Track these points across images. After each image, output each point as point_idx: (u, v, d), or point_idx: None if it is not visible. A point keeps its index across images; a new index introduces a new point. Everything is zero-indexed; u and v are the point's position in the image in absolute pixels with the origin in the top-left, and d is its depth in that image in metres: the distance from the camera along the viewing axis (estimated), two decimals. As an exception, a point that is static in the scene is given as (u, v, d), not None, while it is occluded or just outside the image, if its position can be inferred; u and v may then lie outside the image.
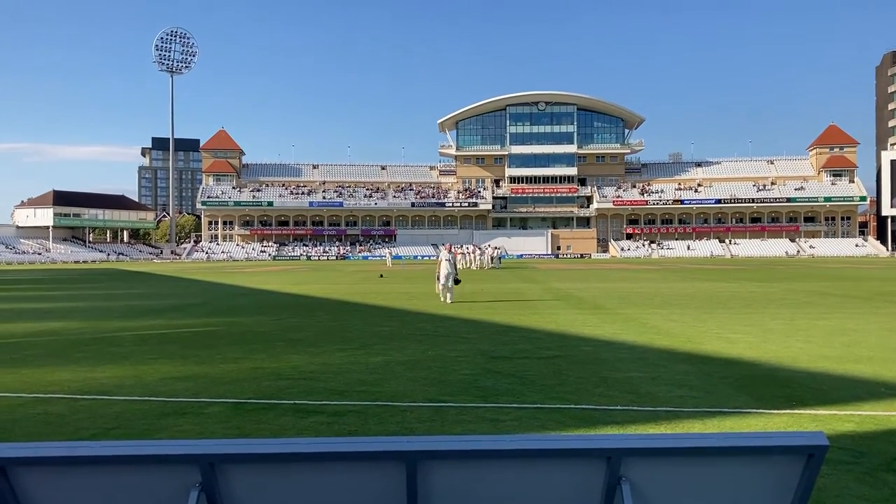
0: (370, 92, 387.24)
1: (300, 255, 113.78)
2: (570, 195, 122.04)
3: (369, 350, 11.06)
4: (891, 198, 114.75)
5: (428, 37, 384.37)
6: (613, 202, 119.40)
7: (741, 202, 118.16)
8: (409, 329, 13.89)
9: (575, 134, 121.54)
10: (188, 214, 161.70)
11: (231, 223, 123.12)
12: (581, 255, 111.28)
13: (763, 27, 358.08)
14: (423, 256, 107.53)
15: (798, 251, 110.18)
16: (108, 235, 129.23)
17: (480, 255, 56.88)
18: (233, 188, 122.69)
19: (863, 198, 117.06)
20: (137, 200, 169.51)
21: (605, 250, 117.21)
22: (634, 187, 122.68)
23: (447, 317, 16.29)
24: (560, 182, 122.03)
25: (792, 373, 8.86)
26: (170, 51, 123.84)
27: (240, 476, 2.08)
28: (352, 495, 2.10)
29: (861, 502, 4.43)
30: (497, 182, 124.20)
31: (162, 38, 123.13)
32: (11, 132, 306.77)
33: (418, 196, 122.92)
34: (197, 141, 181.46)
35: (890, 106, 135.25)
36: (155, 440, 1.87)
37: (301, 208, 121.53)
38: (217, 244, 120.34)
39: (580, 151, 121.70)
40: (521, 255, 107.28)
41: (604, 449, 2.05)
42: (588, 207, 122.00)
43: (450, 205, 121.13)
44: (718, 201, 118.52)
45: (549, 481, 2.09)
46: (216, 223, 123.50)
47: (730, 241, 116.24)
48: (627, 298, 21.64)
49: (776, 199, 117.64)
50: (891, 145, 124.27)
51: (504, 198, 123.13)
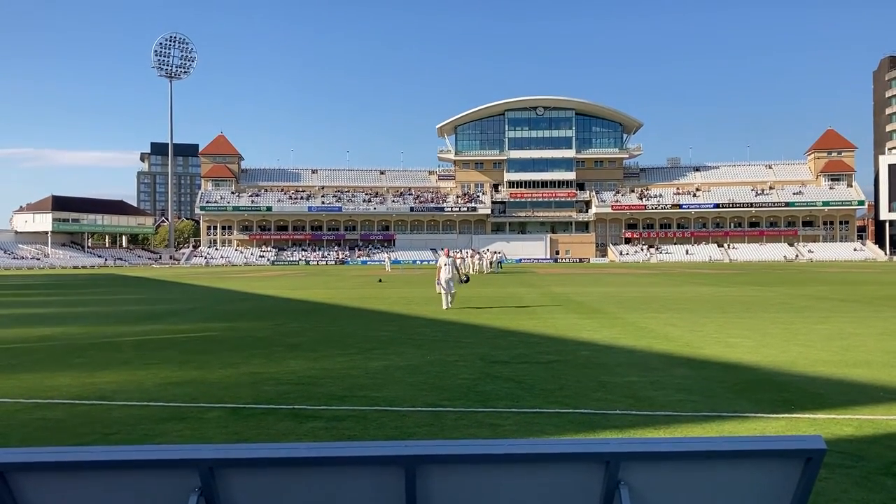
0: (369, 97, 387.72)
1: (299, 260, 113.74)
2: (569, 200, 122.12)
3: (368, 355, 11.05)
4: (889, 202, 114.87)
5: (427, 42, 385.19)
6: (612, 207, 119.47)
7: (740, 207, 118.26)
8: (408, 334, 13.89)
9: (573, 139, 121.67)
10: (187, 219, 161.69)
11: (230, 228, 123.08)
12: (580, 260, 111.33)
13: (761, 32, 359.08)
14: (422, 261, 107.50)
15: (796, 255, 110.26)
16: (107, 241, 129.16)
17: (479, 260, 56.88)
18: (231, 193, 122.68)
19: (861, 202, 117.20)
20: (136, 206, 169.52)
21: (604, 255, 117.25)
22: (633, 192, 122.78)
23: (446, 321, 16.29)
24: (559, 187, 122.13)
25: (790, 377, 8.87)
26: (169, 56, 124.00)
27: (239, 480, 2.08)
28: (351, 500, 2.10)
29: (859, 506, 4.43)
30: (496, 187, 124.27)
31: (161, 44, 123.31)
32: (10, 137, 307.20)
33: (417, 201, 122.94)
34: (196, 146, 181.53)
35: (887, 110, 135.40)
36: (154, 445, 1.87)
37: (300, 213, 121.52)
38: (216, 249, 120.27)
39: (579, 156, 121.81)
40: (520, 260, 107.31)
41: (602, 453, 2.05)
42: (587, 212, 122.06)
43: (449, 209, 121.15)
44: (717, 206, 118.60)
45: (548, 486, 2.10)
46: (215, 228, 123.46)
47: (728, 246, 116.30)
48: (626, 303, 21.64)
49: (774, 204, 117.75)
50: (888, 150, 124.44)
51: (503, 202, 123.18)
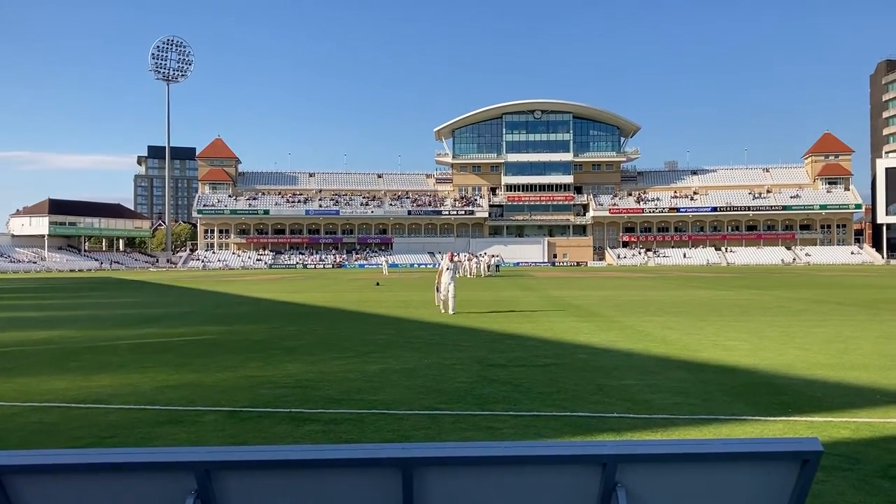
0: (366, 100, 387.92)
1: (296, 264, 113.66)
2: (567, 203, 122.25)
3: (366, 358, 11.04)
4: (886, 205, 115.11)
5: (424, 45, 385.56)
6: (609, 210, 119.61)
7: (737, 210, 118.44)
8: (406, 337, 13.88)
9: (571, 142, 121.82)
10: (184, 223, 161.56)
11: (227, 231, 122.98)
12: (577, 263, 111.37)
13: (759, 36, 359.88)
14: (420, 265, 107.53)
15: (794, 259, 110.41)
16: (104, 244, 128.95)
17: (476, 263, 56.89)
18: (229, 196, 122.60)
19: (858, 205, 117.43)
20: (133, 209, 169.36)
21: (602, 258, 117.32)
22: (630, 195, 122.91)
23: (444, 325, 16.29)
24: (556, 190, 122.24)
25: (788, 380, 8.87)
26: (166, 59, 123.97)
27: (235, 483, 2.08)
28: (348, 502, 2.10)
29: (857, 509, 4.44)
30: (493, 190, 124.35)
31: (158, 47, 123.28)
32: (7, 140, 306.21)
33: (415, 204, 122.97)
34: (193, 149, 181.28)
35: (884, 114, 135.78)
36: (150, 447, 1.87)
37: (297, 216, 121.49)
38: (213, 253, 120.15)
39: (576, 159, 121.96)
40: (518, 263, 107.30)
41: (599, 455, 2.05)
42: (584, 215, 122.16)
43: (446, 213, 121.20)
44: (714, 209, 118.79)
45: (545, 488, 2.10)
46: (212, 232, 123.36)
47: (726, 249, 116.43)
48: (623, 306, 21.65)
49: (772, 207, 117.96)
50: (886, 153, 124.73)
51: (500, 206, 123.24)
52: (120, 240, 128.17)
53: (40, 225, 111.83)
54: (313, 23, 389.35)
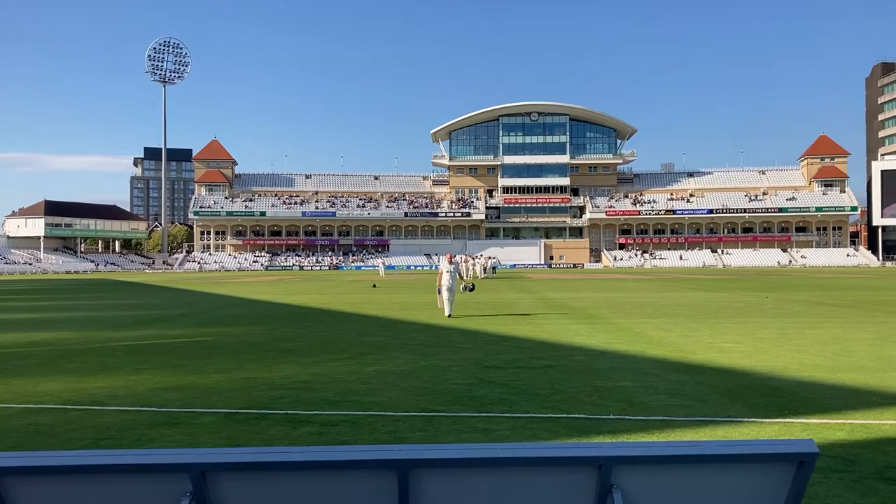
0: (363, 102, 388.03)
1: (293, 266, 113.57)
2: (563, 205, 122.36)
3: (362, 360, 11.03)
4: (881, 208, 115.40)
5: (421, 47, 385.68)
6: (606, 212, 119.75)
7: (733, 212, 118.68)
8: (402, 339, 13.87)
9: (567, 144, 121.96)
10: (180, 224, 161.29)
11: (223, 233, 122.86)
12: (574, 265, 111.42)
13: (755, 39, 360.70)
14: (417, 266, 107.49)
15: (790, 261, 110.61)
16: (100, 245, 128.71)
17: (473, 265, 56.84)
18: (225, 198, 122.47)
19: (854, 208, 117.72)
20: (129, 210, 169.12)
21: (598, 260, 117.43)
22: (627, 197, 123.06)
23: (440, 327, 16.28)
24: (553, 192, 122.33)
25: (783, 382, 8.88)
26: (163, 61, 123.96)
27: (231, 485, 2.07)
28: (344, 504, 2.10)
29: (852, 511, 4.44)
30: (490, 192, 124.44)
31: (155, 49, 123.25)
32: (3, 142, 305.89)
33: (411, 206, 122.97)
34: (189, 151, 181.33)
35: (880, 116, 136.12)
36: (146, 449, 1.86)
37: (294, 218, 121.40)
38: (209, 254, 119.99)
39: (573, 162, 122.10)
40: (514, 265, 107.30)
41: (595, 457, 2.05)
42: (581, 217, 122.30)
43: (443, 215, 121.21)
44: (710, 211, 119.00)
45: (541, 489, 2.10)
46: (208, 233, 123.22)
47: (722, 251, 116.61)
48: (620, 308, 21.66)
49: (768, 210, 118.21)
50: (881, 156, 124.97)
51: (497, 208, 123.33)
52: (116, 241, 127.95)
53: (36, 226, 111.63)
54: (310, 25, 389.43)
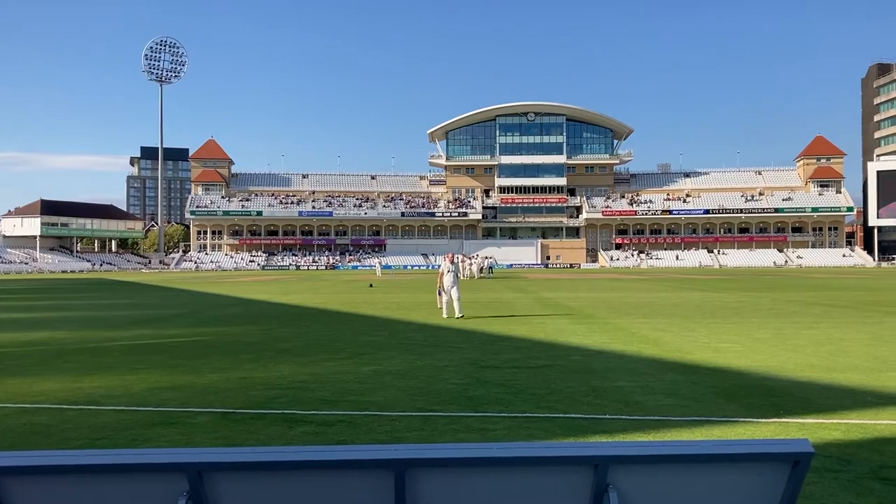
0: (360, 102, 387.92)
1: (289, 265, 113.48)
2: (560, 205, 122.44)
3: (358, 360, 11.03)
4: (877, 208, 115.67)
5: (418, 47, 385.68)
6: (602, 212, 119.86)
7: (729, 213, 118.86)
8: (399, 339, 13.86)
9: (564, 144, 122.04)
10: (177, 224, 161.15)
11: (220, 233, 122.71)
12: (570, 265, 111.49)
13: (752, 39, 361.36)
14: (413, 266, 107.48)
15: (786, 261, 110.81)
16: (96, 245, 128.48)
17: (470, 265, 56.85)
18: (222, 198, 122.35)
19: (850, 208, 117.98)
20: (126, 210, 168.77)
21: (595, 260, 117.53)
22: (623, 197, 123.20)
23: (437, 326, 16.28)
24: (549, 192, 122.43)
25: (779, 382, 8.90)
26: (159, 60, 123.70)
27: (227, 484, 2.07)
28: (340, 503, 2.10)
29: (847, 510, 4.45)
30: (487, 192, 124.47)
31: (151, 48, 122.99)
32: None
33: (408, 206, 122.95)
34: (186, 150, 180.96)
35: (876, 117, 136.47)
36: (142, 448, 1.86)
37: (290, 218, 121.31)
38: (206, 254, 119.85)
39: (569, 162, 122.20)
40: (511, 265, 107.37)
41: (591, 456, 2.05)
42: (577, 217, 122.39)
43: (440, 214, 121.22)
44: (707, 212, 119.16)
45: (537, 489, 2.10)
46: (205, 233, 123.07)
47: (718, 252, 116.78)
48: (616, 308, 21.68)
49: (764, 210, 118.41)
50: (877, 156, 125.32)
51: (494, 208, 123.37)
52: (112, 241, 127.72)
53: (32, 226, 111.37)
54: (307, 24, 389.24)
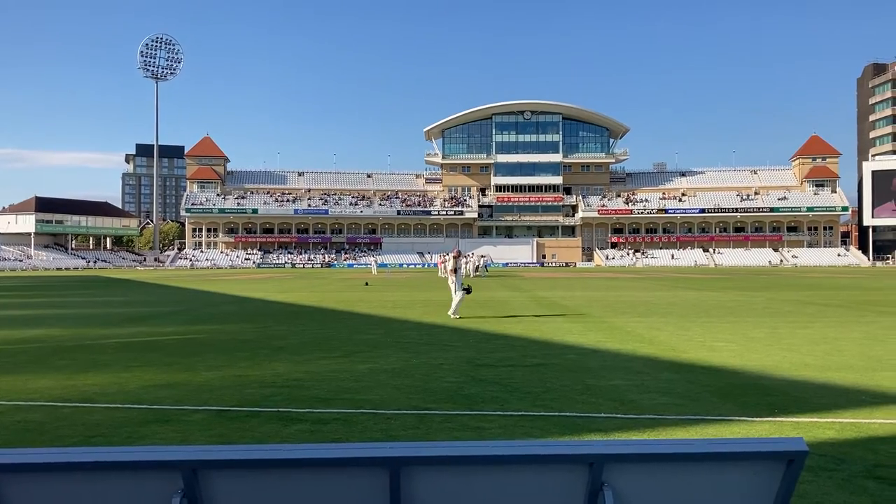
0: (356, 100, 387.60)
1: (285, 263, 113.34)
2: (556, 204, 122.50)
3: (354, 358, 11.02)
4: (872, 208, 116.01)
5: (414, 45, 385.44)
6: (598, 211, 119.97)
7: (725, 212, 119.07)
8: (394, 337, 13.86)
9: (560, 143, 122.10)
10: (172, 221, 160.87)
11: (215, 230, 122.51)
12: (566, 264, 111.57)
13: (748, 39, 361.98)
14: (409, 265, 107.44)
15: (781, 260, 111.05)
16: (91, 242, 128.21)
17: (465, 263, 56.82)
18: (217, 195, 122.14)
19: (845, 208, 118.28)
20: (121, 207, 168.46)
21: (590, 259, 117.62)
22: (619, 196, 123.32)
23: (432, 325, 16.28)
24: (545, 191, 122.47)
25: (774, 381, 8.92)
26: (155, 57, 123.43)
27: (222, 482, 2.07)
28: (335, 502, 2.09)
29: (841, 509, 4.47)
30: (483, 190, 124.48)
31: (147, 45, 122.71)
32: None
33: (404, 204, 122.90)
34: (181, 148, 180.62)
35: (871, 117, 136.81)
36: (137, 446, 1.85)
37: (286, 216, 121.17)
38: (201, 251, 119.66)
39: (565, 160, 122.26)
40: (507, 264, 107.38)
41: (586, 455, 2.05)
42: (573, 216, 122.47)
43: (436, 213, 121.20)
44: (702, 211, 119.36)
45: (532, 487, 2.10)
46: (200, 230, 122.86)
47: (713, 251, 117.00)
48: (612, 307, 21.71)
49: (759, 209, 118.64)
50: (872, 156, 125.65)
51: (490, 206, 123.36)
52: (107, 238, 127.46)
53: (27, 223, 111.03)
54: (303, 22, 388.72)
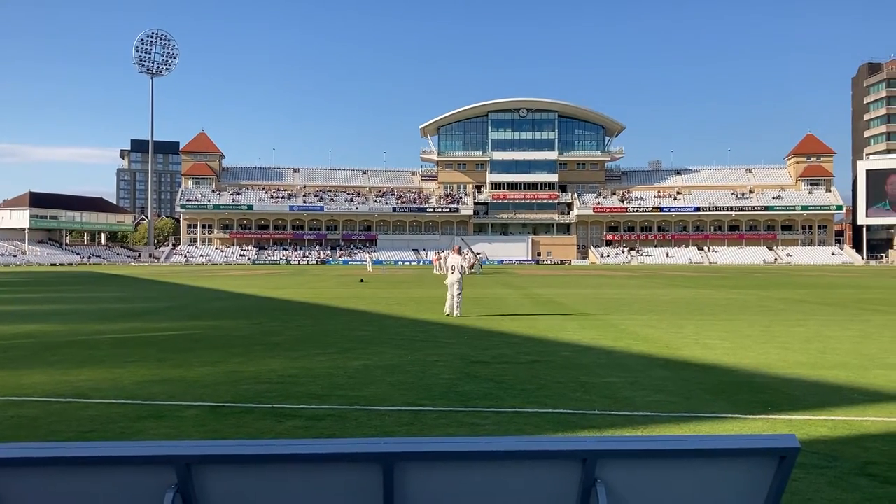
0: (352, 97, 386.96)
1: (280, 260, 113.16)
2: (551, 202, 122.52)
3: (348, 354, 11.02)
4: (866, 207, 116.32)
5: (410, 42, 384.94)
6: (593, 209, 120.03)
7: (720, 210, 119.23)
8: (389, 334, 13.87)
9: (556, 141, 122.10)
10: (167, 217, 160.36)
11: (210, 226, 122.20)
12: (561, 262, 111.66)
13: (744, 38, 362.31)
14: (404, 261, 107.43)
15: (775, 259, 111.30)
16: (86, 238, 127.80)
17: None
18: (212, 191, 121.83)
19: (839, 207, 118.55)
20: (115, 203, 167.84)
21: (585, 257, 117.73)
22: (614, 194, 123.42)
23: (427, 322, 16.29)
24: (541, 188, 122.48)
25: (767, 378, 8.95)
26: (150, 52, 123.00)
27: (216, 478, 2.07)
28: (329, 497, 2.10)
29: (833, 506, 4.49)
30: (478, 188, 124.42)
31: (142, 40, 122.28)
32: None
33: (399, 201, 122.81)
34: (176, 143, 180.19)
35: (866, 116, 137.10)
36: (131, 441, 1.85)
37: (281, 212, 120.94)
38: (196, 247, 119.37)
39: (561, 158, 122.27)
40: (502, 261, 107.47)
41: (579, 451, 2.06)
42: (568, 214, 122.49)
43: (431, 210, 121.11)
44: (697, 209, 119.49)
45: (525, 483, 2.10)
46: (195, 226, 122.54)
47: (708, 249, 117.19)
48: (606, 304, 21.74)
49: (754, 208, 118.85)
50: (867, 155, 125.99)
51: (485, 203, 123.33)
52: (102, 234, 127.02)
53: (21, 218, 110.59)
54: (299, 18, 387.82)
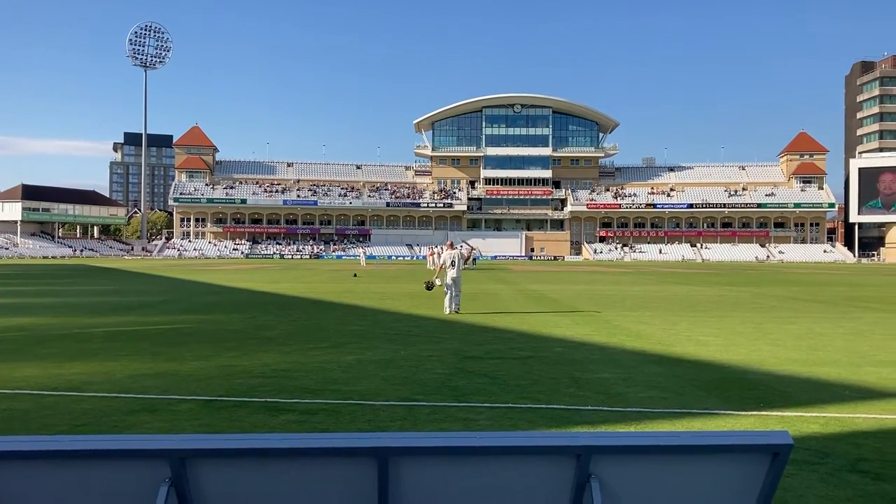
0: (346, 91, 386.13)
1: (273, 254, 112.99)
2: (545, 197, 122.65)
3: (342, 349, 11.01)
4: (858, 205, 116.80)
5: (405, 37, 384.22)
6: (587, 205, 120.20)
7: (713, 207, 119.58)
8: (382, 328, 13.86)
9: (550, 137, 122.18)
10: (160, 211, 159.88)
11: (203, 220, 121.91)
12: (554, 257, 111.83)
13: (738, 36, 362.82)
14: (398, 256, 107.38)
15: (768, 256, 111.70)
16: (78, 231, 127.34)
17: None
18: (206, 185, 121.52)
19: (831, 204, 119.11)
20: (108, 196, 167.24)
21: (579, 253, 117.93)
22: (608, 191, 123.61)
23: (420, 317, 16.29)
24: (535, 184, 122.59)
25: (760, 375, 8.98)
26: (144, 45, 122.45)
27: (210, 471, 2.07)
28: (323, 491, 2.10)
29: (824, 502, 4.51)
30: (472, 183, 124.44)
31: (136, 32, 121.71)
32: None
33: (393, 196, 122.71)
34: (170, 137, 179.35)
35: (858, 115, 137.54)
36: (125, 435, 1.85)
37: (275, 206, 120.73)
38: (189, 241, 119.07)
39: (555, 154, 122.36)
40: (496, 257, 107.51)
41: (573, 446, 2.07)
42: (562, 210, 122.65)
43: (425, 205, 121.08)
44: (690, 206, 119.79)
45: (519, 478, 2.11)
46: (188, 220, 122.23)
47: (701, 246, 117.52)
48: (600, 300, 21.78)
49: (747, 205, 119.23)
50: (859, 153, 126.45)
51: (479, 199, 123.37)
52: (94, 227, 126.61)
53: (13, 211, 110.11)
54: (293, 12, 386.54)
